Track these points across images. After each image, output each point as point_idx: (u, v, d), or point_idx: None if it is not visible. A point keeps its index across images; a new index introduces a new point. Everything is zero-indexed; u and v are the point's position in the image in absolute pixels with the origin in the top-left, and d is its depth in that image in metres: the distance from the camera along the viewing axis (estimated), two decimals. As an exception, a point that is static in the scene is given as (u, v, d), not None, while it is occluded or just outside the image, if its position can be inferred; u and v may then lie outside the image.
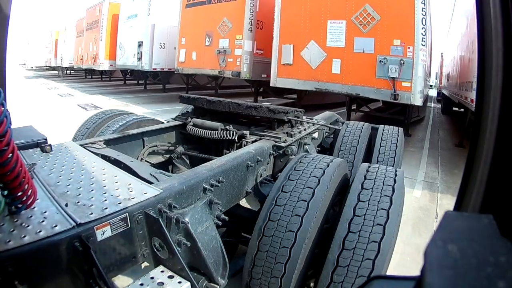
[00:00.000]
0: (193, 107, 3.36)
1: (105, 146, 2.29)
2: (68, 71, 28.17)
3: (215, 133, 2.69)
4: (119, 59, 15.16)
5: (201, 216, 1.62)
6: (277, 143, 2.53)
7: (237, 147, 2.62)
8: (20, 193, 1.10)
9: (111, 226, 1.23)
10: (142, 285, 1.23)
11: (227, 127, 2.71)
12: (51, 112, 9.38)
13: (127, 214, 1.29)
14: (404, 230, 3.36)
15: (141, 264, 1.44)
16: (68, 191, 1.38)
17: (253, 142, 2.55)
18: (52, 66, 29.06)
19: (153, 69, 13.18)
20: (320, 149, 3.70)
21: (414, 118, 8.56)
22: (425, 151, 7.06)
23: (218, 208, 1.81)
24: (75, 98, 13.25)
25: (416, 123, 10.17)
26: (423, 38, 5.78)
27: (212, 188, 1.77)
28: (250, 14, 8.83)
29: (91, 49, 17.30)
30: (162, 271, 1.34)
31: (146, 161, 2.67)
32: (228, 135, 2.64)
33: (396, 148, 3.38)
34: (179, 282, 1.27)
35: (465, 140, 7.73)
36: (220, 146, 2.94)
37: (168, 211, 1.46)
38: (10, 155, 0.97)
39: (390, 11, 6.04)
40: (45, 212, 1.19)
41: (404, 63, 5.89)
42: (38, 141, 1.95)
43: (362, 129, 3.49)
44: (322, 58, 6.90)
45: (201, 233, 1.56)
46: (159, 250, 1.40)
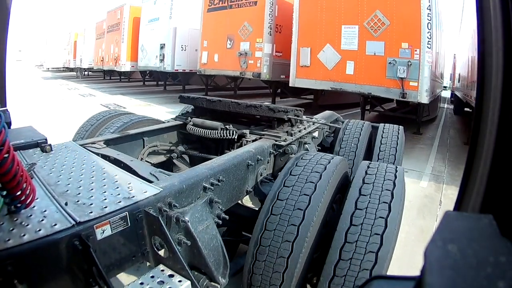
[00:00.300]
0: (193, 107, 3.36)
1: (105, 146, 2.28)
2: (86, 72, 28.85)
3: (215, 132, 2.68)
4: (141, 61, 15.77)
5: (201, 215, 1.62)
6: (277, 142, 2.53)
7: (237, 147, 2.62)
8: (18, 193, 1.10)
9: (111, 225, 1.23)
10: (142, 284, 1.23)
11: (227, 126, 2.71)
12: (76, 111, 9.50)
13: (127, 213, 1.29)
14: (410, 214, 3.68)
15: (141, 263, 1.44)
16: (68, 190, 1.38)
17: (253, 141, 2.55)
18: (71, 67, 29.90)
19: (175, 70, 13.69)
20: (320, 148, 3.70)
21: (425, 117, 8.91)
22: (434, 148, 7.38)
23: (219, 207, 1.81)
24: (97, 98, 13.63)
25: (428, 123, 10.47)
26: (428, 41, 6.29)
27: (212, 187, 1.77)
28: (269, 18, 9.51)
29: (112, 51, 17.92)
30: (162, 270, 1.33)
31: (146, 161, 2.67)
32: (228, 135, 2.64)
33: (396, 146, 3.38)
34: (179, 281, 1.27)
35: (473, 138, 8.07)
36: (220, 145, 2.94)
37: (168, 210, 1.46)
38: (6, 155, 0.97)
39: (399, 17, 6.59)
40: (45, 211, 1.19)
41: (411, 64, 6.41)
42: (38, 141, 1.96)
43: (362, 127, 3.49)
44: (337, 60, 7.49)
45: (202, 232, 1.55)
46: (159, 249, 1.40)
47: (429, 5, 6.26)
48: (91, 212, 1.21)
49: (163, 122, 3.22)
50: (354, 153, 3.22)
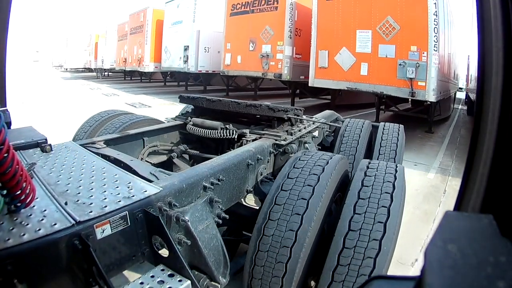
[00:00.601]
0: (193, 107, 3.35)
1: (105, 146, 2.28)
2: (106, 73, 29.48)
3: (215, 132, 2.68)
4: (164, 62, 16.47)
5: (202, 214, 1.61)
6: (277, 142, 2.53)
7: (237, 146, 2.62)
8: (18, 192, 1.10)
9: (110, 224, 1.23)
10: (142, 283, 1.23)
11: (227, 126, 2.70)
12: (103, 109, 9.55)
13: (127, 212, 1.29)
14: (416, 199, 4.18)
15: (141, 262, 1.44)
16: (67, 190, 1.38)
17: (253, 140, 2.55)
18: (92, 68, 30.74)
19: (199, 71, 14.47)
20: (320, 147, 3.70)
21: (436, 117, 9.30)
22: (444, 145, 7.83)
23: (219, 207, 1.81)
24: (120, 97, 13.97)
25: (440, 122, 10.87)
26: (435, 44, 6.85)
27: (213, 186, 1.77)
28: (289, 23, 10.20)
29: (136, 52, 18.62)
30: (162, 270, 1.33)
31: (146, 161, 2.67)
32: (228, 134, 2.64)
33: (396, 146, 3.36)
34: (180, 280, 1.27)
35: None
36: (220, 145, 2.94)
37: (168, 209, 1.46)
38: (5, 154, 0.97)
39: (408, 22, 7.19)
40: (45, 210, 1.19)
41: (419, 66, 6.97)
42: (38, 141, 1.96)
43: (362, 127, 3.48)
44: (352, 62, 8.12)
45: (202, 231, 1.55)
46: (159, 249, 1.40)
47: (436, 11, 6.76)
48: (91, 212, 1.21)
49: (163, 122, 3.22)
50: (354, 153, 3.21)
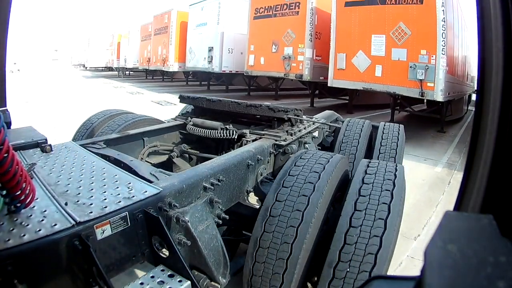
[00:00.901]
0: (193, 107, 3.35)
1: (105, 146, 2.28)
2: (128, 72, 29.95)
3: (215, 132, 2.68)
4: (189, 62, 17.00)
5: (202, 214, 1.61)
6: (277, 142, 2.53)
7: (237, 146, 2.62)
8: (18, 192, 1.10)
9: (111, 225, 1.23)
10: (142, 284, 1.23)
11: (227, 126, 2.70)
12: (130, 107, 9.67)
13: (127, 212, 1.29)
14: (422, 188, 4.64)
15: (141, 263, 1.44)
16: (68, 190, 1.38)
17: (253, 141, 2.55)
18: (114, 67, 31.27)
19: (223, 71, 15.05)
20: (320, 148, 3.70)
21: (448, 117, 9.89)
22: (454, 144, 8.33)
23: (219, 207, 1.81)
24: (145, 96, 14.35)
25: (453, 123, 11.35)
26: (443, 48, 7.44)
27: (213, 187, 1.77)
28: (310, 26, 10.84)
29: (160, 52, 19.17)
30: (162, 270, 1.33)
31: (146, 161, 2.67)
32: (228, 134, 2.64)
33: (396, 146, 3.36)
34: (180, 281, 1.27)
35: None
36: (220, 145, 2.94)
37: (168, 209, 1.46)
38: (5, 154, 0.97)
39: (418, 28, 7.81)
40: (45, 211, 1.19)
41: (428, 68, 7.59)
42: (38, 141, 1.96)
43: (362, 127, 3.48)
44: (368, 64, 8.80)
45: (202, 231, 1.55)
46: (159, 249, 1.40)
47: (443, 17, 7.34)
48: (91, 212, 1.21)
49: (163, 122, 3.22)
50: (354, 152, 3.20)
